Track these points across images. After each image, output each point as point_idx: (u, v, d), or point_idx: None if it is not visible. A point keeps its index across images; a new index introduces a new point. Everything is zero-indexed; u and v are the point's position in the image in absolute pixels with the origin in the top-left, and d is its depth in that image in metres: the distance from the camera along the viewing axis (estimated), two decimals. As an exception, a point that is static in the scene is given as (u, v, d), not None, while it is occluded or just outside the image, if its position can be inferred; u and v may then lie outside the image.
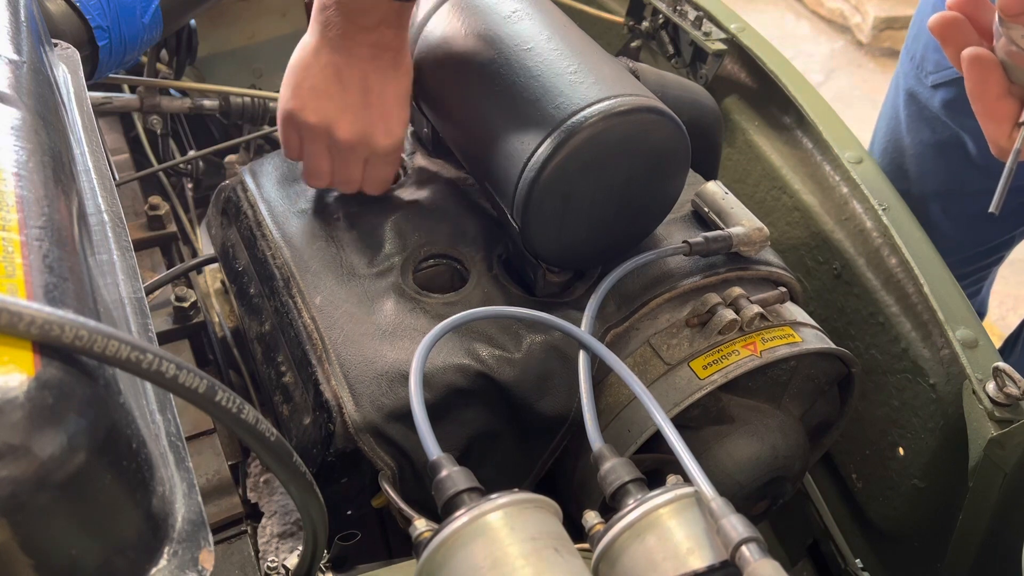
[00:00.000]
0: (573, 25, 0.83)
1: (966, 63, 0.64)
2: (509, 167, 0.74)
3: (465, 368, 0.74)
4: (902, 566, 0.98)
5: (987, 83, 0.64)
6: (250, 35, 1.47)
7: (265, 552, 0.81)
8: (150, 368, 0.38)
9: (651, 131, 0.73)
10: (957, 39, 0.65)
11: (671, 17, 1.21)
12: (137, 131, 1.29)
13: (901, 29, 3.35)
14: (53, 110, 0.57)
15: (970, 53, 0.64)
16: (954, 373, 0.84)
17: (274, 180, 0.92)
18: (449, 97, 0.84)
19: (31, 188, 0.45)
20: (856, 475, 0.99)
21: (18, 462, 0.34)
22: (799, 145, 1.07)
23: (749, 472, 0.79)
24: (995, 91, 0.64)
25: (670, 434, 0.57)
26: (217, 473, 0.80)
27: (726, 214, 0.83)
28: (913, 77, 1.22)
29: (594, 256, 0.81)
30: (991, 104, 0.65)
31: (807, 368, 0.83)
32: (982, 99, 0.65)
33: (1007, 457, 0.77)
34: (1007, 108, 0.64)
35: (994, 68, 0.64)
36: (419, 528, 0.53)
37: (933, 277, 0.89)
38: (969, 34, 0.65)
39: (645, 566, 0.49)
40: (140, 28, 0.99)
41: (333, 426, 0.72)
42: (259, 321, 0.86)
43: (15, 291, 0.38)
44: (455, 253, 0.84)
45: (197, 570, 0.43)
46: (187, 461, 0.47)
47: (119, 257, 0.57)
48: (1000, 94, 0.64)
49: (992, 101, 0.65)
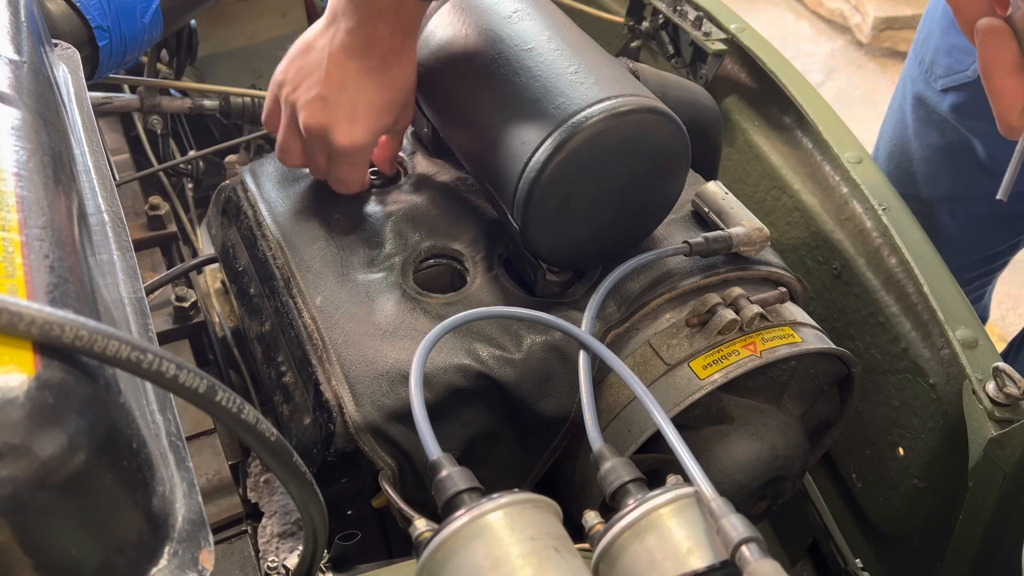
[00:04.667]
0: (573, 25, 0.83)
1: (980, 34, 0.62)
2: (509, 167, 0.74)
3: (465, 368, 0.74)
4: (902, 566, 0.98)
5: (1001, 56, 0.62)
6: (250, 35, 1.47)
7: (265, 552, 0.81)
8: (150, 368, 0.38)
9: (652, 131, 0.73)
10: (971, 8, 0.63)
11: (671, 17, 1.21)
12: (137, 131, 1.30)
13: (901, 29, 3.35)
14: (53, 110, 0.57)
15: (985, 23, 0.61)
16: (954, 373, 0.84)
17: (274, 180, 0.92)
18: (449, 97, 0.84)
19: (31, 188, 0.45)
20: (856, 475, 0.99)
21: (18, 462, 0.34)
22: (799, 145, 1.07)
23: (749, 472, 0.79)
24: (1009, 66, 0.62)
25: (670, 434, 0.57)
26: (217, 473, 0.80)
27: (726, 214, 0.83)
28: (922, 81, 1.22)
29: (594, 256, 0.81)
30: (1003, 80, 0.62)
31: (807, 368, 0.83)
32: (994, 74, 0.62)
33: (1007, 457, 0.77)
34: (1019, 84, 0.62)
35: (1009, 41, 0.61)
36: (419, 528, 0.53)
37: (933, 277, 0.88)
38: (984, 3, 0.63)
39: (645, 566, 0.49)
40: (140, 28, 0.99)
41: (333, 426, 0.72)
42: (259, 321, 0.86)
43: (15, 291, 0.38)
44: (455, 253, 0.84)
45: (197, 570, 0.43)
46: (187, 461, 0.47)
47: (119, 257, 0.57)
48: (1013, 70, 0.62)
49: (1004, 76, 0.62)
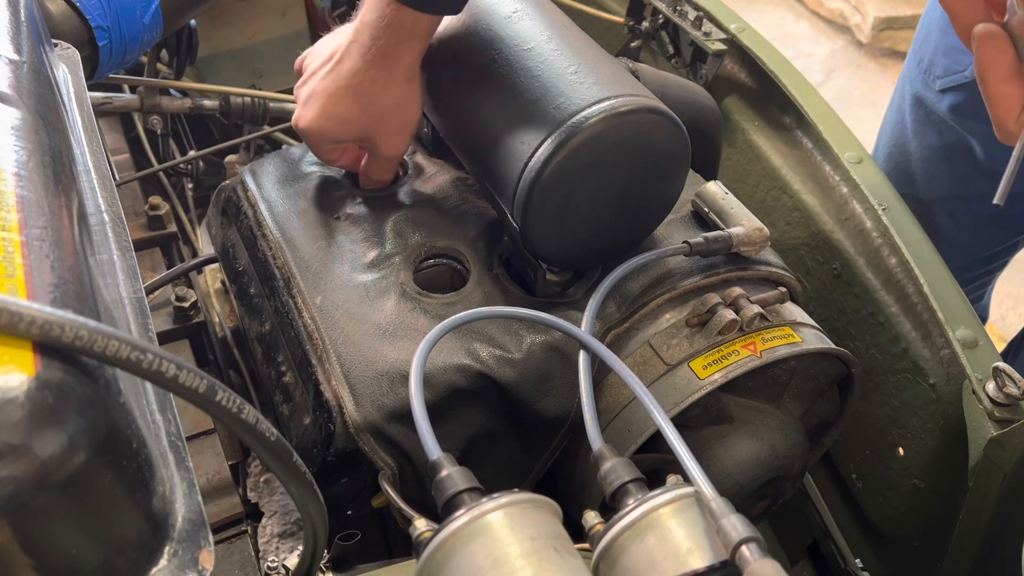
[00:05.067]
0: (573, 25, 0.83)
1: (977, 40, 0.61)
2: (509, 167, 0.74)
3: (465, 368, 0.74)
4: (902, 566, 0.98)
5: (998, 62, 0.61)
6: (250, 35, 1.47)
7: (265, 552, 0.81)
8: (150, 368, 0.38)
9: (651, 131, 0.73)
10: (968, 14, 0.62)
11: (671, 17, 1.21)
12: (137, 131, 1.30)
13: (901, 29, 3.35)
14: (53, 110, 0.57)
15: (982, 29, 0.61)
16: (954, 373, 0.84)
17: (274, 180, 0.92)
18: (449, 97, 0.84)
19: (31, 188, 0.45)
20: (856, 475, 0.99)
21: (18, 462, 0.34)
22: (799, 145, 1.07)
23: (749, 472, 0.79)
24: (1005, 71, 0.61)
25: (670, 434, 0.57)
26: (217, 473, 0.80)
27: (726, 214, 0.83)
28: (920, 81, 1.22)
29: (594, 256, 0.81)
30: (1000, 85, 0.62)
31: (807, 368, 0.83)
32: (991, 79, 0.62)
33: (1007, 457, 0.77)
34: (1016, 90, 0.62)
35: (1006, 46, 0.61)
36: (419, 528, 0.53)
37: (933, 277, 0.88)
38: (980, 9, 0.62)
39: (645, 566, 0.49)
40: (140, 28, 0.99)
41: (333, 426, 0.72)
42: (259, 321, 0.86)
43: (15, 291, 0.38)
44: (455, 253, 0.84)
45: (197, 570, 0.43)
46: (187, 461, 0.47)
47: (119, 257, 0.57)
48: (1010, 75, 0.61)
49: (1001, 82, 0.62)
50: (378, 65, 0.79)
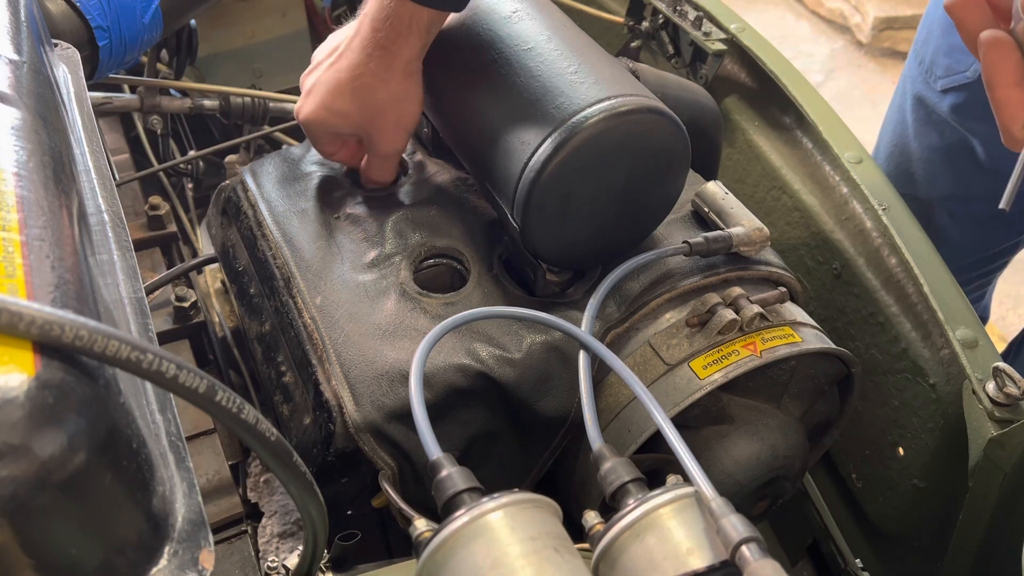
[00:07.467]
0: (573, 25, 0.83)
1: (983, 46, 0.61)
2: (509, 167, 0.74)
3: (465, 368, 0.74)
4: (902, 566, 0.98)
5: (1004, 68, 0.61)
6: (250, 35, 1.47)
7: (265, 552, 0.81)
8: (150, 368, 0.38)
9: (651, 131, 0.73)
10: (973, 20, 0.62)
11: (671, 17, 1.21)
12: (137, 131, 1.30)
13: (901, 29, 3.35)
14: (53, 110, 0.57)
15: (988, 36, 0.61)
16: (954, 373, 0.84)
17: (274, 180, 0.92)
18: (449, 97, 0.84)
19: (31, 188, 0.45)
20: (856, 475, 0.99)
21: (18, 462, 0.34)
22: (799, 145, 1.07)
23: (749, 472, 0.79)
24: (1012, 77, 0.61)
25: (670, 434, 0.57)
26: (217, 473, 0.80)
27: (726, 214, 0.83)
28: (921, 82, 1.22)
29: (594, 256, 0.81)
30: (1006, 90, 0.61)
31: (807, 368, 0.83)
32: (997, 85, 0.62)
33: (1007, 457, 0.77)
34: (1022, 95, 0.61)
35: (1012, 52, 0.60)
36: (419, 528, 0.53)
37: (933, 277, 0.88)
38: (986, 16, 0.62)
39: (645, 566, 0.49)
40: (140, 28, 0.99)
41: (333, 426, 0.72)
42: (259, 321, 0.86)
43: (15, 291, 0.38)
44: (455, 253, 0.84)
45: (197, 570, 0.43)
46: (187, 461, 0.47)
47: (119, 257, 0.57)
48: (1016, 80, 0.61)
49: (1007, 87, 0.61)
50: (377, 59, 0.79)
